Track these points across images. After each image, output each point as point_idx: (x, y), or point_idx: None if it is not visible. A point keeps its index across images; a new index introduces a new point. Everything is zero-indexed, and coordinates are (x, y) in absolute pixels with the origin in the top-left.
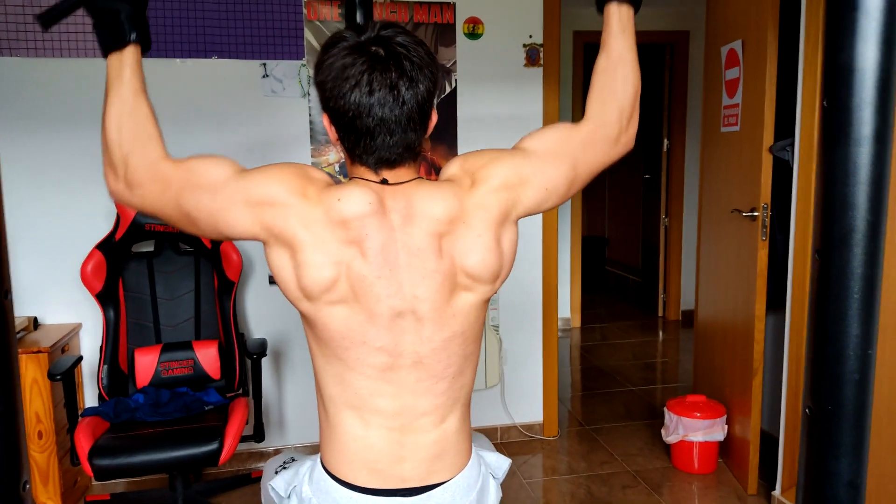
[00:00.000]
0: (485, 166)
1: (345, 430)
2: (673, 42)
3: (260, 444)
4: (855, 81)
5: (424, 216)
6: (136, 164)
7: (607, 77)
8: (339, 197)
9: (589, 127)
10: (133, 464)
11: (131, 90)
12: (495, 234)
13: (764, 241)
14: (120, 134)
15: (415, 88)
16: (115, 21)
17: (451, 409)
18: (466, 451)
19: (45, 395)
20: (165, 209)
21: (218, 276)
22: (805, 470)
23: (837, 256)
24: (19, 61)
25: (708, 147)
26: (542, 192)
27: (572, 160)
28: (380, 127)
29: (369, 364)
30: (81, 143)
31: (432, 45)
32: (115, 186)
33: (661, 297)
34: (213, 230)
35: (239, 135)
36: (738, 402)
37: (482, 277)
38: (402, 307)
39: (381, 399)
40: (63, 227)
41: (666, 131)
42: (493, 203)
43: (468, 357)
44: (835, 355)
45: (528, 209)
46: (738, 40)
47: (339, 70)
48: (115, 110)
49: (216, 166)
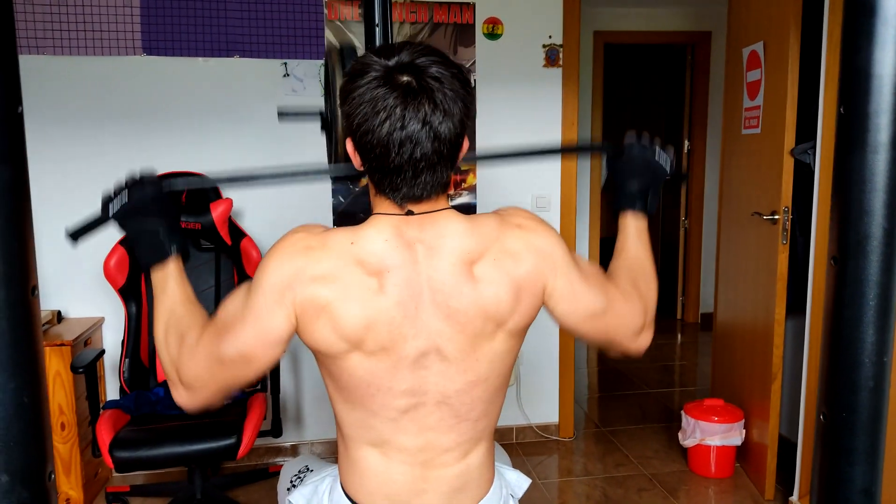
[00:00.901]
0: (543, 244)
1: (366, 466)
2: (694, 42)
3: (277, 439)
4: (872, 88)
5: (450, 249)
6: (188, 366)
7: (631, 276)
8: (351, 241)
9: (619, 299)
10: (153, 456)
11: (178, 300)
12: (515, 285)
13: (784, 244)
14: (168, 350)
15: (448, 122)
16: (154, 240)
17: (475, 445)
18: (489, 479)
19: (67, 388)
20: (230, 375)
21: (238, 273)
22: (819, 476)
23: (853, 263)
24: (45, 59)
25: (728, 149)
26: (548, 301)
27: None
28: (409, 165)
29: (393, 407)
30: (104, 138)
31: (451, 46)
32: (178, 398)
33: (680, 299)
34: (268, 355)
35: (259, 134)
36: (756, 407)
37: (497, 318)
38: (426, 346)
39: (404, 437)
40: None
41: (686, 133)
42: (529, 266)
43: (493, 401)
44: (850, 362)
45: (531, 314)
46: (759, 42)
47: (368, 104)
48: (161, 326)
49: (230, 306)
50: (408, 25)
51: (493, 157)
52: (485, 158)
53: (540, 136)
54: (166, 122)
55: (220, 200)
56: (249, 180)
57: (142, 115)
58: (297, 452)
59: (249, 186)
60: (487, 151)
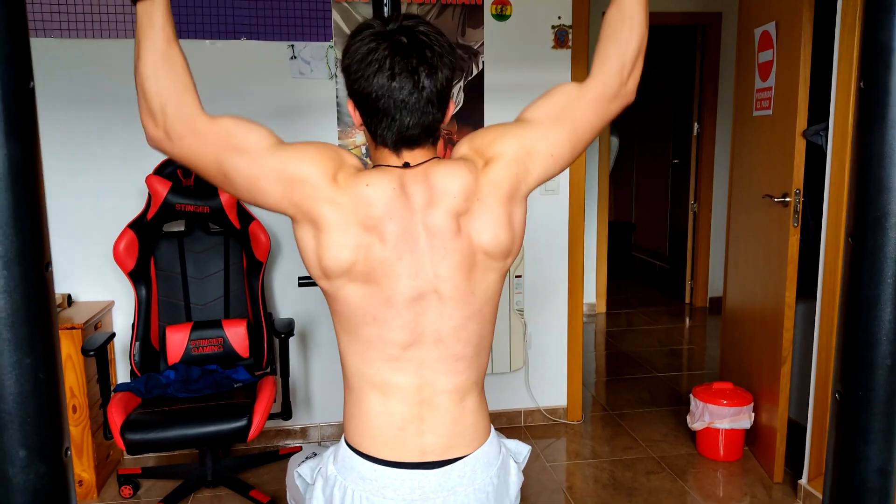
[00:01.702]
0: (492, 143)
1: (368, 406)
2: (705, 24)
3: (287, 422)
4: (893, 62)
5: (443, 194)
6: (175, 115)
7: (613, 29)
8: (367, 182)
9: (590, 85)
10: (164, 438)
11: (164, 36)
12: (507, 210)
13: (795, 227)
14: (157, 82)
15: (434, 75)
16: None
17: (469, 389)
18: (485, 429)
19: (78, 371)
20: (205, 164)
21: (247, 257)
22: (833, 455)
23: (871, 240)
24: (53, 42)
25: (739, 131)
26: (547, 158)
27: (572, 122)
28: (400, 108)
29: (390, 341)
30: (113, 123)
31: (460, 27)
32: (154, 134)
33: (689, 283)
34: (248, 194)
35: (266, 116)
36: (765, 390)
37: (495, 254)
38: (424, 287)
39: (402, 375)
40: (96, 206)
41: (696, 115)
42: (504, 178)
43: (484, 337)
44: (866, 340)
45: (537, 179)
46: (771, 22)
47: (363, 54)
48: (149, 56)
49: (255, 133)
50: (415, 7)
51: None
52: None
53: None
54: None
55: None
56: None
57: None
58: (307, 435)
59: None
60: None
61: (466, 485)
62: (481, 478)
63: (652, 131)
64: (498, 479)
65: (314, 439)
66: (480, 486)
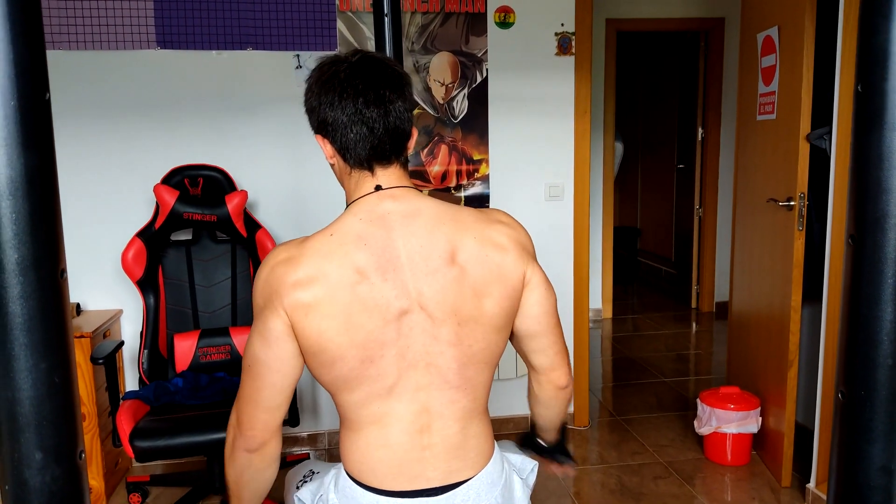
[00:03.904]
0: (535, 270)
1: (366, 442)
2: (708, 29)
3: (294, 429)
4: (890, 65)
5: (425, 217)
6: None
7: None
8: (331, 233)
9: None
10: (172, 446)
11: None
12: (497, 266)
13: (800, 231)
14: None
15: (396, 90)
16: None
17: (469, 414)
18: (488, 450)
19: (87, 379)
20: (266, 396)
21: (254, 265)
22: (837, 455)
23: (871, 241)
24: (61, 54)
25: (743, 136)
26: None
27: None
28: (366, 115)
29: (387, 374)
30: (120, 133)
31: (463, 35)
32: (241, 443)
33: (695, 288)
34: (280, 358)
35: (271, 125)
36: (772, 394)
37: (474, 286)
38: (408, 305)
39: (399, 404)
40: (104, 215)
41: (700, 120)
42: (513, 254)
43: (479, 370)
44: (868, 340)
45: (526, 290)
46: (774, 27)
47: (326, 75)
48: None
49: (255, 361)
50: (419, 15)
51: None
52: None
53: (552, 125)
54: (181, 115)
55: (235, 192)
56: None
57: (156, 109)
58: (315, 441)
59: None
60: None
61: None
62: (486, 499)
63: (656, 136)
64: (503, 497)
65: (322, 446)
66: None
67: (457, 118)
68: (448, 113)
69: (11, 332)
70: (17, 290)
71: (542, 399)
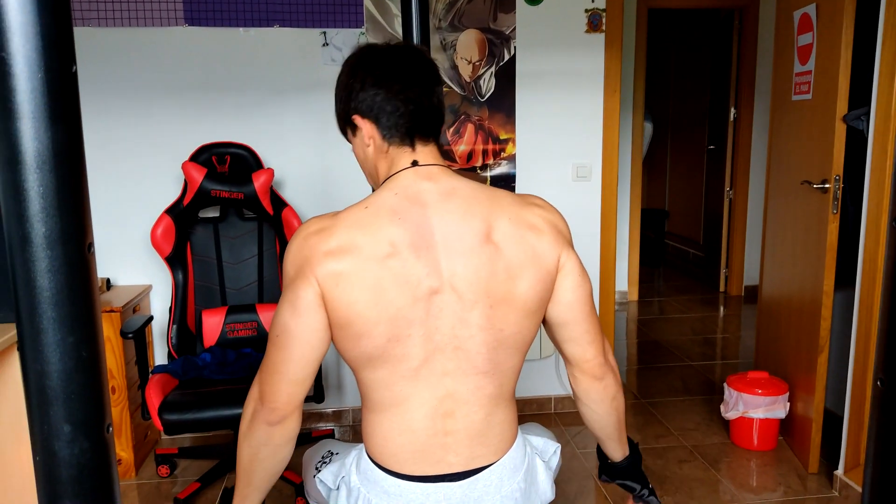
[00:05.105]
0: (569, 255)
1: (389, 426)
2: (742, 6)
3: (319, 405)
4: None
5: (460, 195)
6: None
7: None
8: (365, 206)
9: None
10: (200, 419)
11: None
12: (532, 248)
13: (835, 214)
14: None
15: (434, 75)
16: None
17: (495, 401)
18: (512, 436)
19: (117, 353)
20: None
21: (280, 243)
22: (875, 442)
23: None
24: (90, 31)
25: (778, 116)
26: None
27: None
28: (410, 92)
29: (413, 357)
30: (151, 110)
31: (492, 12)
32: (267, 417)
33: (724, 271)
34: (323, 338)
35: (298, 104)
36: (801, 380)
37: (508, 268)
38: (438, 284)
39: (424, 389)
40: (133, 192)
41: (733, 100)
42: (549, 237)
43: (509, 354)
44: None
45: (560, 274)
46: (812, 4)
47: (368, 56)
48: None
49: (282, 333)
50: None
51: None
52: None
53: (581, 105)
54: (209, 93)
55: (262, 171)
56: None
57: (185, 87)
58: (339, 418)
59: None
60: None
61: (493, 493)
62: (508, 484)
63: (687, 116)
64: (525, 482)
65: (346, 422)
66: (508, 492)
67: (483, 97)
68: (475, 91)
69: (39, 306)
70: (45, 264)
71: (581, 396)
